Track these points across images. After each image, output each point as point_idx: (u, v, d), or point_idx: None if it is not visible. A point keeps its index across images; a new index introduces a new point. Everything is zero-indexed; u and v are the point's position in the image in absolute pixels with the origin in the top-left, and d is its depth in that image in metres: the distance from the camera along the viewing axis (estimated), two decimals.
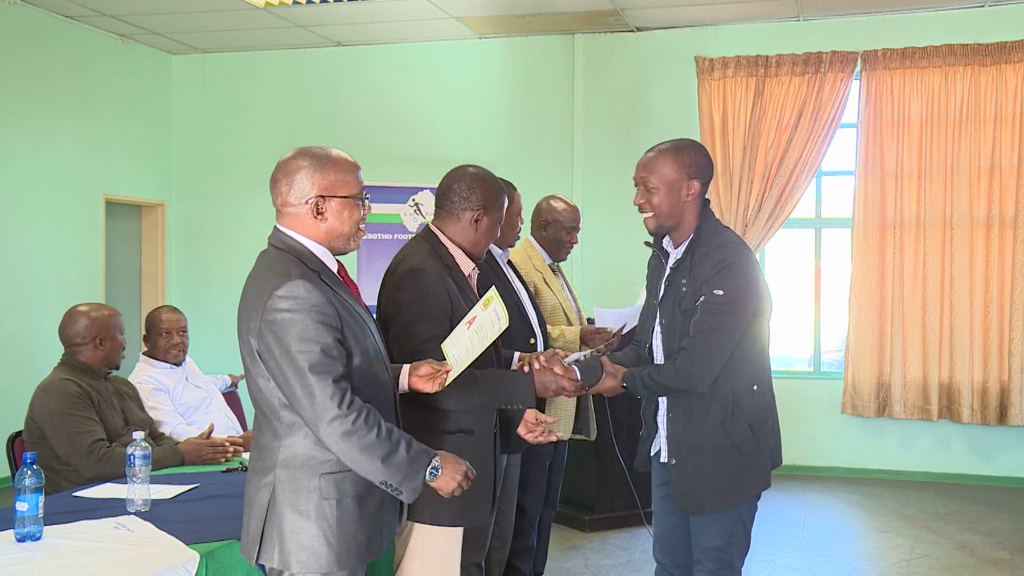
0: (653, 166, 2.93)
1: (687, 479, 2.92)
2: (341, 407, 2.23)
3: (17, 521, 2.60)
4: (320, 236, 2.41)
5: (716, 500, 2.91)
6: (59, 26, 7.53)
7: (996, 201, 7.06)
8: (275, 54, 8.50)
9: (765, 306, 2.90)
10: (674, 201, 2.91)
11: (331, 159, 2.42)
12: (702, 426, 2.88)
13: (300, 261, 2.36)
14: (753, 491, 2.97)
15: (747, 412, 2.88)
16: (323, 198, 2.39)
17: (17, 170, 7.17)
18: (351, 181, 2.42)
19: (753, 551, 5.48)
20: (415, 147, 8.05)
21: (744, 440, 2.87)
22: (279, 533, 2.31)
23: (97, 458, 3.49)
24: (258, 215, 8.37)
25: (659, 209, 2.93)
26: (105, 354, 3.75)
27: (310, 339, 2.24)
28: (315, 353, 2.23)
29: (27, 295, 7.22)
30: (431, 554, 2.82)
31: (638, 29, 7.75)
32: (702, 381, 2.82)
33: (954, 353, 7.15)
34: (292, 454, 2.31)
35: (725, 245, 2.88)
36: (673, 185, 2.90)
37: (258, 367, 2.31)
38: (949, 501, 6.64)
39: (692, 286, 2.86)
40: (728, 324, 2.81)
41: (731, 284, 2.80)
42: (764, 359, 2.96)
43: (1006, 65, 7.01)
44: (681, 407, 2.92)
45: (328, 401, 2.22)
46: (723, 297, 2.79)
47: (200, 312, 7.79)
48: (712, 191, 7.50)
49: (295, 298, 2.25)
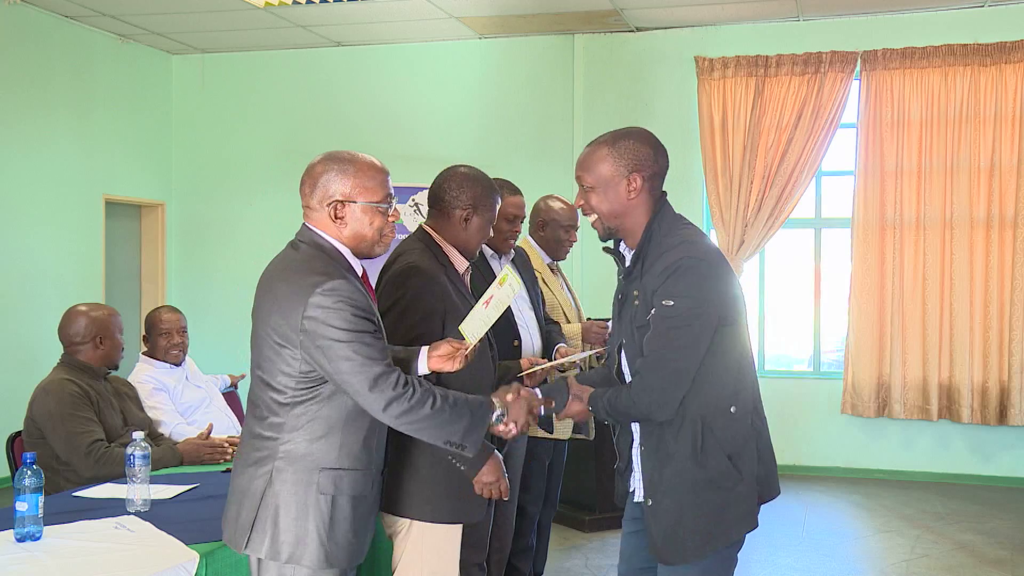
0: (587, 163, 2.57)
1: (662, 523, 2.50)
2: (396, 388, 2.30)
3: (17, 521, 2.60)
4: (344, 239, 2.43)
5: (694, 548, 2.47)
6: (59, 26, 7.53)
7: (996, 201, 7.06)
8: (275, 54, 8.50)
9: (734, 312, 2.50)
10: (614, 199, 2.54)
11: (355, 164, 2.42)
12: (673, 460, 2.47)
13: (330, 259, 2.40)
14: (736, 534, 2.51)
15: (723, 440, 2.46)
16: (342, 203, 2.39)
17: (17, 170, 7.17)
18: (374, 187, 2.42)
19: (753, 551, 5.48)
20: (415, 147, 8.05)
21: (722, 473, 2.46)
22: (273, 524, 2.33)
23: (96, 458, 3.49)
24: (258, 215, 8.43)
25: (599, 210, 2.57)
26: (104, 353, 3.75)
27: (357, 330, 2.29)
28: (365, 340, 2.29)
29: (27, 295, 7.22)
30: (430, 551, 2.83)
31: (638, 29, 7.75)
32: (661, 408, 2.43)
33: (954, 353, 7.15)
34: (294, 448, 2.33)
35: (676, 246, 2.47)
36: (610, 182, 2.53)
37: (282, 359, 2.33)
38: (949, 501, 6.64)
39: (643, 297, 2.49)
40: (683, 339, 2.41)
41: (682, 291, 2.40)
42: (743, 374, 2.54)
43: (1006, 65, 7.02)
44: (653, 439, 2.52)
45: (383, 386, 2.29)
46: (673, 308, 2.40)
47: (200, 312, 7.79)
48: (712, 191, 7.50)
49: (338, 292, 2.29)
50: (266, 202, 8.37)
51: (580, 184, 2.60)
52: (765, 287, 7.87)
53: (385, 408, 2.30)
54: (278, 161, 8.36)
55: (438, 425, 2.37)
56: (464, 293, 2.96)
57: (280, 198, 8.18)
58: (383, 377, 2.30)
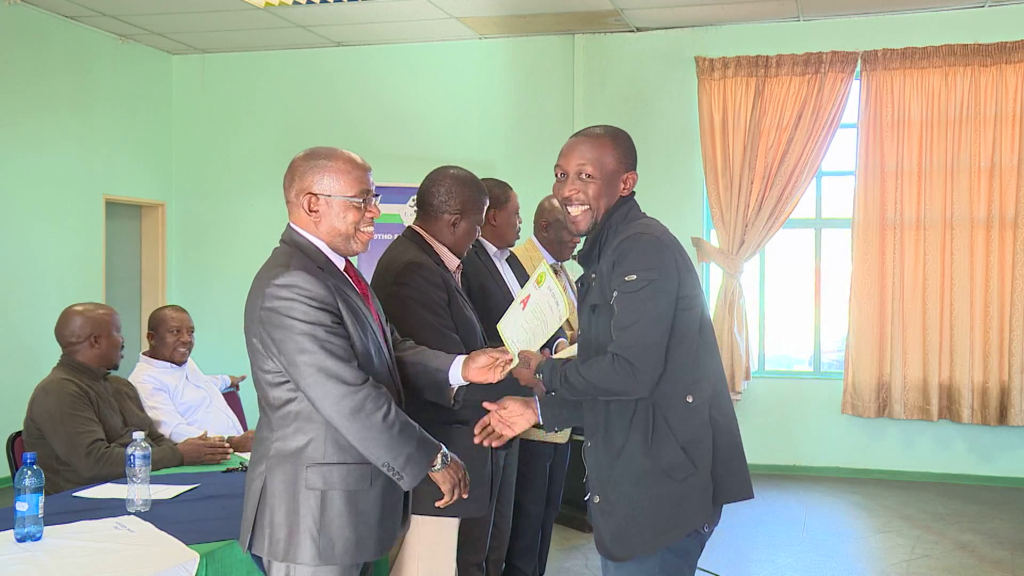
0: (592, 153, 2.49)
1: (611, 518, 2.40)
2: (348, 384, 2.27)
3: (17, 521, 2.60)
4: (321, 234, 2.43)
5: (643, 542, 2.36)
6: (59, 26, 7.53)
7: (996, 201, 7.06)
8: (275, 54, 8.51)
9: (692, 294, 2.40)
10: (611, 194, 2.50)
11: (332, 158, 2.43)
12: (623, 453, 2.38)
13: (304, 255, 2.40)
14: (689, 527, 2.36)
15: (677, 430, 2.35)
16: (315, 195, 2.41)
17: (17, 170, 7.17)
18: (349, 181, 2.42)
19: (753, 551, 5.49)
20: (415, 147, 8.05)
21: (674, 464, 2.34)
22: (269, 523, 2.35)
23: (96, 458, 3.49)
24: (258, 215, 8.42)
25: (595, 203, 2.49)
26: (101, 353, 3.74)
27: (312, 321, 2.28)
28: (319, 334, 2.27)
29: (27, 295, 7.22)
30: (427, 545, 2.84)
31: (638, 29, 7.75)
32: (640, 384, 2.31)
33: (954, 353, 7.15)
34: (283, 445, 2.35)
35: (633, 230, 2.43)
36: (613, 176, 2.49)
37: (258, 357, 2.36)
38: (949, 501, 6.64)
39: (600, 277, 2.43)
40: (652, 311, 2.32)
41: (642, 265, 2.33)
42: (702, 364, 2.42)
43: (1006, 65, 7.01)
44: (600, 433, 2.43)
45: (335, 379, 2.27)
46: (636, 282, 2.32)
47: (200, 312, 7.75)
48: (712, 191, 7.50)
49: (293, 286, 2.29)
50: (266, 202, 8.36)
51: (576, 174, 2.49)
52: (765, 287, 7.87)
53: (338, 402, 2.27)
54: (278, 161, 8.25)
55: (384, 443, 2.30)
56: (459, 289, 2.99)
57: (280, 198, 8.05)
58: (338, 368, 2.27)
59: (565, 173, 2.52)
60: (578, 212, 2.51)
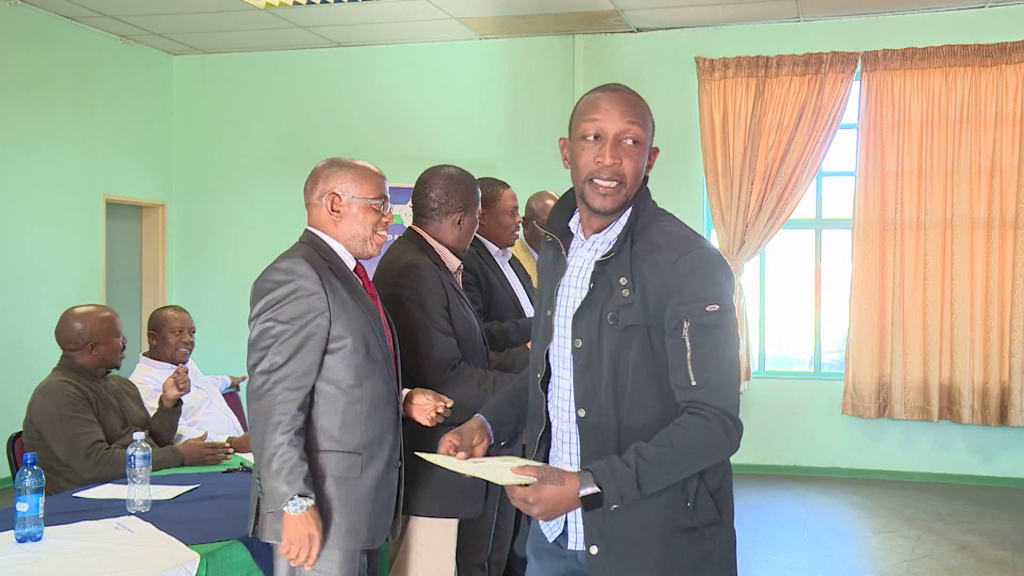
0: (639, 113, 2.01)
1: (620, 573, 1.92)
2: (275, 373, 2.38)
3: (18, 522, 2.60)
4: (339, 235, 2.57)
5: None
6: (60, 27, 7.53)
7: (996, 202, 7.06)
8: (276, 55, 8.51)
9: None
10: (642, 168, 2.04)
11: (353, 163, 2.61)
12: (655, 501, 1.89)
13: (314, 251, 2.52)
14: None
15: (708, 475, 1.95)
16: (337, 195, 2.55)
17: (18, 171, 7.18)
18: (368, 185, 2.58)
19: (754, 551, 5.48)
20: (415, 148, 8.05)
21: (704, 518, 1.94)
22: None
23: (96, 460, 3.48)
24: (259, 216, 8.43)
25: (633, 179, 1.99)
26: (100, 357, 3.72)
27: (285, 309, 2.41)
28: (276, 326, 2.40)
29: (28, 296, 7.22)
30: (426, 546, 2.85)
31: (638, 30, 7.75)
32: (738, 442, 1.90)
33: (955, 354, 7.15)
34: None
35: (684, 236, 1.97)
36: (647, 146, 2.05)
37: None
38: (950, 502, 6.64)
39: (643, 289, 1.91)
40: (736, 351, 1.93)
41: (720, 290, 1.91)
42: None
43: (1007, 66, 7.01)
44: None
45: (265, 365, 2.39)
46: (719, 314, 1.88)
47: (201, 313, 7.74)
48: (712, 191, 7.51)
49: (288, 272, 2.44)
50: (266, 203, 8.37)
51: (618, 136, 1.98)
52: (766, 288, 7.87)
53: (250, 374, 2.43)
54: (278, 162, 8.36)
55: (269, 439, 2.36)
56: (458, 290, 2.99)
57: (280, 199, 8.19)
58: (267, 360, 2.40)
59: (602, 134, 1.98)
60: (611, 186, 1.97)
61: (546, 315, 2.08)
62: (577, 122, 2.04)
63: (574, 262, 2.06)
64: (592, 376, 1.95)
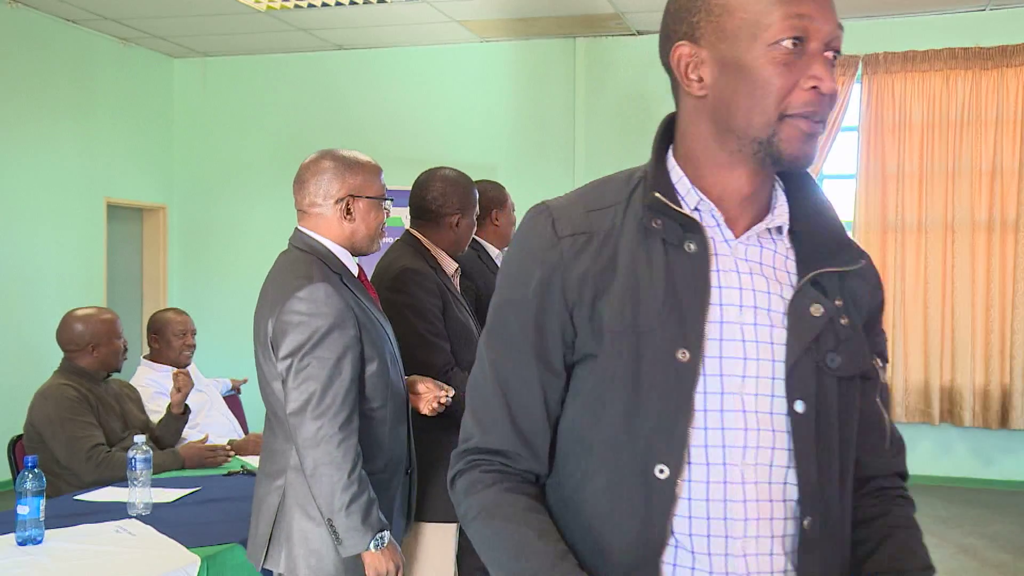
0: None
1: None
2: (329, 415, 2.23)
3: (18, 524, 2.60)
4: (343, 237, 2.43)
5: None
6: (61, 30, 7.53)
7: (997, 205, 7.06)
8: (277, 58, 8.51)
9: None
10: None
11: (358, 160, 2.46)
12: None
13: (323, 263, 2.37)
14: None
15: None
16: (353, 198, 2.42)
17: (19, 173, 7.18)
18: (375, 183, 2.47)
19: None
20: (417, 150, 8.05)
21: None
22: (287, 537, 2.32)
23: (97, 463, 3.48)
24: (260, 218, 8.43)
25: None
26: (101, 359, 3.72)
27: (325, 347, 2.25)
28: (319, 368, 2.25)
29: (29, 298, 7.22)
30: (426, 550, 2.84)
31: (639, 33, 7.76)
32: None
33: (956, 356, 7.14)
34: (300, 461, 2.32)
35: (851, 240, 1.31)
36: None
37: (272, 368, 2.33)
38: (951, 505, 6.63)
39: (849, 314, 1.22)
40: None
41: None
42: None
43: (1007, 69, 7.01)
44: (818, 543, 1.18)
45: (320, 409, 2.23)
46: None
47: (201, 315, 7.75)
48: None
49: (315, 301, 2.27)
50: (268, 205, 8.37)
51: (830, 46, 1.24)
52: None
53: (312, 420, 2.24)
54: (280, 165, 8.36)
55: (338, 484, 2.22)
56: (456, 294, 2.99)
57: (282, 202, 8.14)
58: (330, 403, 2.26)
59: (814, 38, 1.22)
60: (821, 127, 1.24)
61: (679, 362, 1.15)
62: (754, 13, 1.20)
63: (727, 267, 1.23)
64: (826, 458, 1.19)
